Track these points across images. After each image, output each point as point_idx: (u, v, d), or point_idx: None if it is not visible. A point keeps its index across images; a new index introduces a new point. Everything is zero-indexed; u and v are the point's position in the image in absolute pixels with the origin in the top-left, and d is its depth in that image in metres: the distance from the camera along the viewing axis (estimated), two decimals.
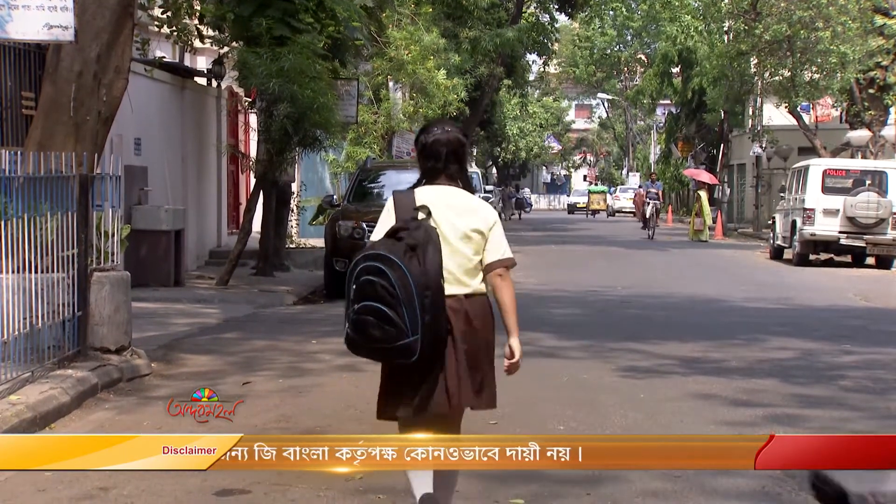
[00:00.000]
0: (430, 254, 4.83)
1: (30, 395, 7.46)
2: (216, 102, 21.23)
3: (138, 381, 8.98)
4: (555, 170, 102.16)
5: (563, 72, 77.50)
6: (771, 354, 10.84)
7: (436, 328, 4.82)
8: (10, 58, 11.89)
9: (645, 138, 75.51)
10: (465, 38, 35.14)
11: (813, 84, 32.61)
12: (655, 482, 5.96)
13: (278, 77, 16.01)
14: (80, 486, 5.88)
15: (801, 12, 30.74)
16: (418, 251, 4.82)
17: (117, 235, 9.43)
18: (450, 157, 5.11)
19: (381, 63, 26.46)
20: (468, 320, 5.01)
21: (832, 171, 24.63)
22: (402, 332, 4.76)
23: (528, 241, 34.42)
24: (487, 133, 56.63)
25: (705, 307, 15.26)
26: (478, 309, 5.04)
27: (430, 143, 5.11)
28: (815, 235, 23.94)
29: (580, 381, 9.17)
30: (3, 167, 7.56)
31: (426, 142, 5.13)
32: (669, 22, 51.68)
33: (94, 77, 9.48)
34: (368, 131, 26.71)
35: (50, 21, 8.60)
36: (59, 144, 9.17)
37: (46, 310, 8.29)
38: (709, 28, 38.82)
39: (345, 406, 8.02)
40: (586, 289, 17.64)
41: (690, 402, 8.31)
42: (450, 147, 5.11)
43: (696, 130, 54.77)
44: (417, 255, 4.82)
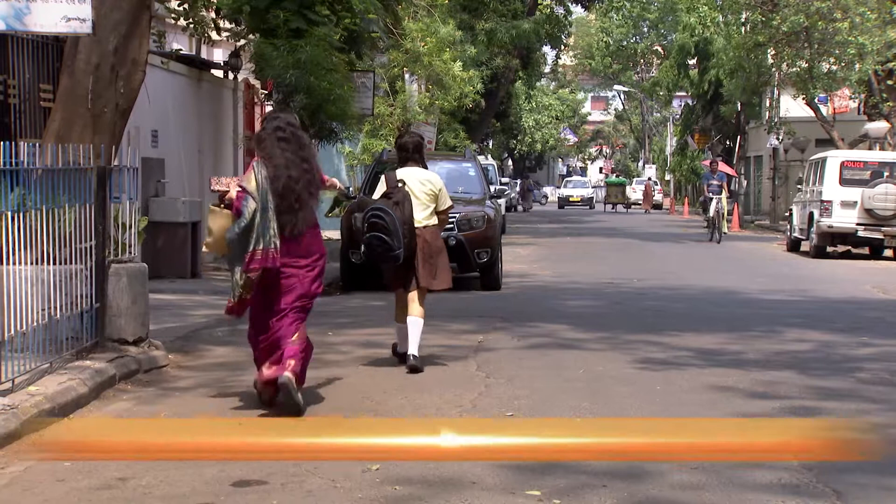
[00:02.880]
0: (406, 206, 9.06)
1: (48, 386, 7.50)
2: (233, 94, 21.27)
3: (156, 372, 9.01)
4: (570, 161, 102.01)
5: (579, 63, 77.33)
6: (788, 346, 10.82)
7: (410, 245, 9.04)
8: (29, 50, 11.93)
9: (661, 130, 75.37)
10: (481, 30, 35.11)
11: (831, 75, 32.48)
12: (675, 474, 5.96)
13: (295, 69, 16.04)
14: (98, 476, 5.91)
15: (818, 3, 30.60)
16: (399, 205, 9.05)
17: (134, 227, 9.47)
18: (414, 150, 9.49)
19: (397, 55, 26.45)
20: (425, 239, 9.27)
21: (850, 162, 24.54)
22: (392, 247, 8.98)
23: (543, 232, 34.41)
24: (503, 125, 56.61)
25: (722, 299, 15.23)
26: (432, 232, 9.38)
27: (403, 143, 9.60)
28: (833, 227, 23.85)
29: (596, 372, 9.17)
30: (22, 159, 7.59)
31: (401, 142, 9.63)
32: (687, 12, 51.56)
33: (111, 69, 9.51)
34: (384, 123, 26.70)
35: (68, 13, 8.63)
36: (76, 136, 9.20)
37: (65, 301, 8.33)
38: (726, 19, 38.65)
39: (361, 398, 8.05)
40: (602, 281, 17.63)
41: (707, 395, 8.30)
42: (413, 145, 9.50)
43: (712, 122, 54.66)
44: (399, 206, 9.04)
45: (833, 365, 9.76)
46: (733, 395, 8.28)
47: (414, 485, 5.77)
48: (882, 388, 8.71)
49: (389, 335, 10.58)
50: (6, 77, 11.52)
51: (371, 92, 21.62)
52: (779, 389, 8.55)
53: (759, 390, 8.50)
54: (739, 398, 8.19)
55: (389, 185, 9.18)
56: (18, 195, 7.61)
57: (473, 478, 5.87)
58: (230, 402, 7.91)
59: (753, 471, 6.03)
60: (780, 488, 5.83)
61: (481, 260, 15.58)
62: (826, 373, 9.33)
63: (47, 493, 5.73)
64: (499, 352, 10.23)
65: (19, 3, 8.56)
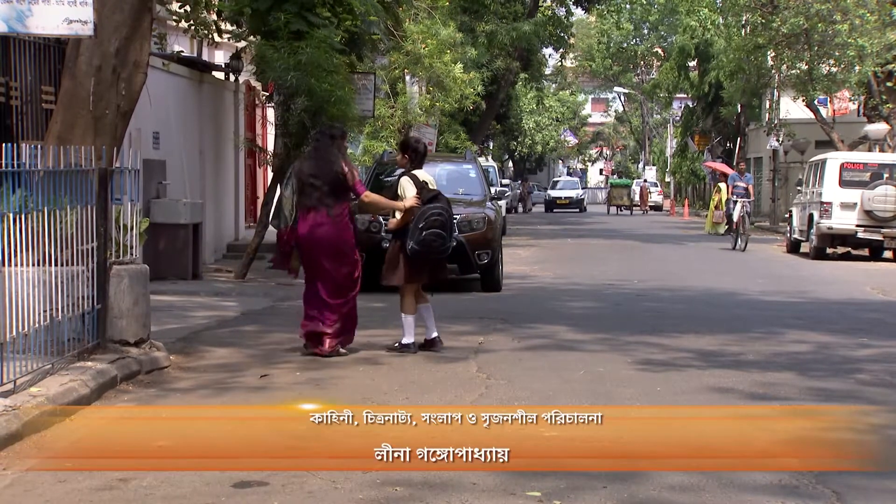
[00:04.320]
0: (445, 203, 10.04)
1: (50, 387, 7.51)
2: (234, 96, 21.30)
3: (157, 373, 9.03)
4: (571, 163, 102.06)
5: (579, 65, 77.34)
6: (788, 348, 10.83)
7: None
8: (31, 52, 11.95)
9: (661, 132, 75.36)
10: (482, 32, 35.13)
11: (830, 77, 32.47)
12: (674, 476, 5.97)
13: (296, 71, 16.05)
14: (100, 476, 5.93)
15: (818, 5, 30.60)
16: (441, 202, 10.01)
17: (136, 229, 9.49)
18: (426, 153, 10.36)
19: (397, 57, 26.47)
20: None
21: (849, 164, 24.54)
22: (447, 242, 9.93)
23: (544, 234, 34.42)
24: (503, 127, 56.64)
25: (722, 300, 15.24)
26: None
27: (418, 146, 10.28)
28: (833, 229, 23.86)
29: (596, 374, 9.19)
30: (24, 161, 7.61)
31: (416, 146, 10.27)
32: (687, 14, 51.58)
33: (112, 71, 9.53)
34: (385, 125, 26.73)
35: (70, 16, 8.64)
36: (78, 138, 9.22)
37: (66, 302, 8.35)
38: (726, 21, 38.66)
39: (362, 398, 8.06)
40: (602, 282, 17.65)
41: (707, 396, 8.31)
42: (425, 150, 10.37)
43: (712, 124, 54.64)
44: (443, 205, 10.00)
45: (833, 366, 9.77)
46: (733, 397, 8.29)
47: (414, 486, 5.79)
48: (882, 390, 8.73)
49: (389, 336, 10.60)
50: (8, 79, 11.55)
51: (372, 94, 21.64)
52: (778, 391, 8.56)
53: (759, 391, 8.52)
54: (740, 399, 8.20)
55: (416, 184, 9.96)
56: (20, 197, 7.62)
57: (474, 479, 5.88)
58: (231, 403, 7.92)
59: (753, 472, 6.04)
60: (779, 489, 5.85)
61: (482, 261, 15.60)
62: (826, 374, 9.35)
63: (49, 493, 5.75)
64: (499, 353, 10.24)
65: (21, 5, 8.58)
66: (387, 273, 10.13)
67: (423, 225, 9.75)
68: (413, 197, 9.87)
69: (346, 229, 9.91)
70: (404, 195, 9.99)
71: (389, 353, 9.99)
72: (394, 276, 10.07)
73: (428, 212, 9.79)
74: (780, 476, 6.00)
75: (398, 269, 10.00)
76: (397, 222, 10.02)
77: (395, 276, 10.05)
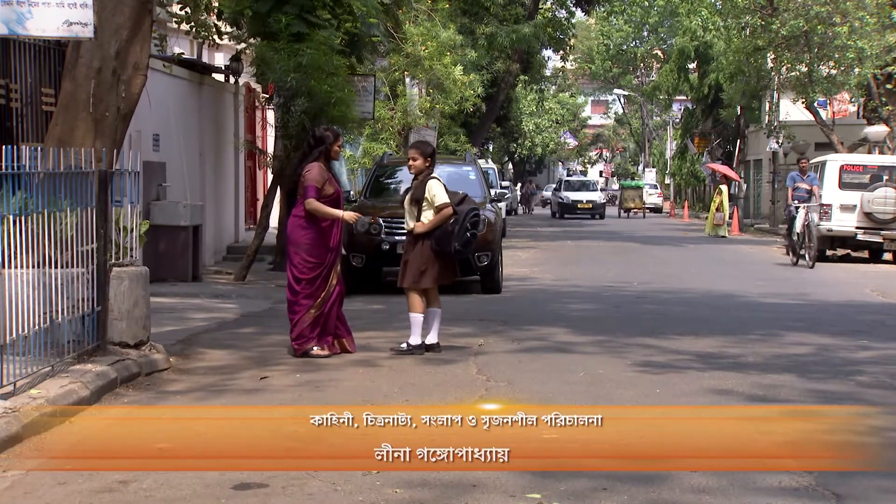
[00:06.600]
0: (474, 204, 10.44)
1: (50, 390, 7.52)
2: (234, 98, 21.31)
3: (156, 375, 9.03)
4: (571, 165, 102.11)
5: (579, 67, 77.37)
6: (787, 350, 10.83)
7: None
8: (31, 55, 11.96)
9: (661, 134, 75.36)
10: (482, 34, 35.13)
11: (830, 79, 32.49)
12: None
13: (296, 72, 16.07)
14: (100, 479, 5.93)
15: (818, 7, 30.63)
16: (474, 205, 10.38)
17: (136, 231, 9.48)
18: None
19: (397, 59, 26.49)
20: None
21: (849, 166, 24.55)
22: (475, 241, 10.37)
23: (544, 236, 34.43)
24: (503, 129, 56.64)
25: (721, 302, 15.24)
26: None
27: (433, 150, 10.47)
28: (832, 231, 23.87)
29: (596, 376, 9.18)
30: (24, 163, 7.61)
31: (433, 150, 10.45)
32: (687, 16, 51.61)
33: (112, 73, 9.53)
34: (385, 127, 26.74)
35: (69, 18, 8.65)
36: (78, 140, 9.23)
37: (66, 305, 8.35)
38: (726, 23, 38.69)
39: (361, 401, 8.06)
40: (602, 284, 17.65)
41: (707, 398, 8.31)
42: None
43: (712, 126, 54.67)
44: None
45: (833, 368, 9.77)
46: (733, 399, 8.29)
47: (415, 488, 5.79)
48: (882, 392, 8.73)
49: (389, 338, 10.61)
50: (8, 81, 11.55)
51: (372, 96, 21.64)
52: (778, 392, 8.56)
53: (759, 393, 8.52)
54: (739, 402, 8.20)
55: (448, 188, 10.38)
56: (20, 199, 7.62)
57: (474, 480, 5.88)
58: (230, 404, 7.92)
59: (752, 473, 6.04)
60: (779, 491, 5.84)
61: (482, 263, 15.59)
62: (826, 376, 9.35)
63: (48, 496, 5.75)
64: (499, 355, 10.24)
65: (21, 8, 8.59)
66: (417, 276, 10.13)
67: (467, 227, 10.08)
68: (352, 213, 10.10)
69: (295, 229, 10.02)
70: (435, 199, 10.06)
71: (391, 355, 9.99)
72: (425, 278, 10.10)
73: (470, 213, 10.11)
74: (780, 477, 5.99)
75: (429, 270, 10.10)
76: (427, 226, 10.07)
77: (427, 278, 10.11)
